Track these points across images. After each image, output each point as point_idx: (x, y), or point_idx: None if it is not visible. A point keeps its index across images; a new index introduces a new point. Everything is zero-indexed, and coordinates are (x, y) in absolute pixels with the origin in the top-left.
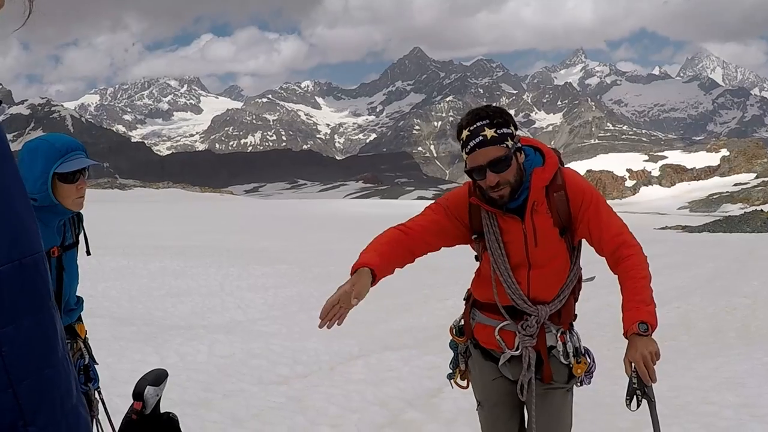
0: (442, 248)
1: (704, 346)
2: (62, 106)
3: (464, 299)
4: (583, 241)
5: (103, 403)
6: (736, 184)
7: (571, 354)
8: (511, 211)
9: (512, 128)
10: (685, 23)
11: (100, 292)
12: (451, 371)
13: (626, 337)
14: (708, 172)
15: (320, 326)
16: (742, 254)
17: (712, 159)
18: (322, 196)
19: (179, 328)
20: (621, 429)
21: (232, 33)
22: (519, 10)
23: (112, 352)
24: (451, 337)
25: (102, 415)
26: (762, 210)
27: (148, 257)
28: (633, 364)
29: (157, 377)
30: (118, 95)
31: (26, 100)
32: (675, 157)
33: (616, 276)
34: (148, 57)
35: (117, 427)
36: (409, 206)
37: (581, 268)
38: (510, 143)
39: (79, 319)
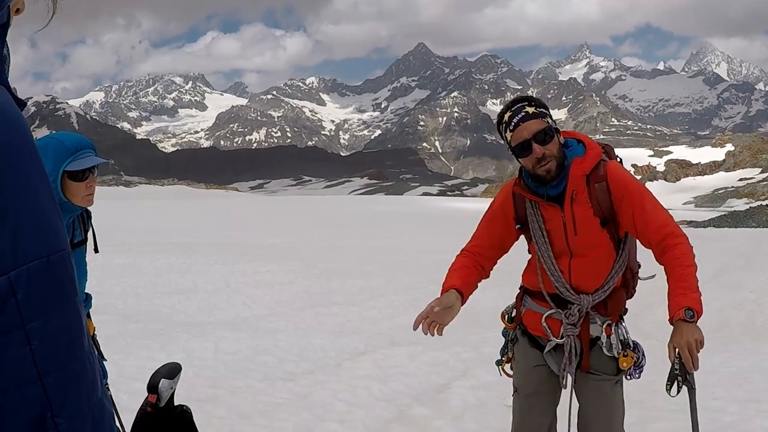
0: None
1: (710, 341)
2: (67, 103)
3: (520, 288)
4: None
5: (112, 400)
6: (741, 179)
7: (615, 346)
8: (552, 199)
9: (549, 111)
10: (690, 18)
11: (106, 289)
12: (500, 357)
13: (671, 323)
14: (713, 167)
15: (414, 329)
16: (748, 249)
17: (717, 154)
18: (327, 192)
19: (185, 325)
20: (626, 424)
21: (238, 29)
22: (524, 6)
23: (119, 348)
24: (503, 324)
25: None
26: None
27: (154, 254)
28: (677, 350)
29: (171, 370)
30: (123, 92)
31: (31, 98)
32: (680, 152)
33: (663, 265)
34: (154, 54)
35: (125, 422)
36: (414, 202)
37: (639, 264)
38: (549, 120)
39: (88, 316)
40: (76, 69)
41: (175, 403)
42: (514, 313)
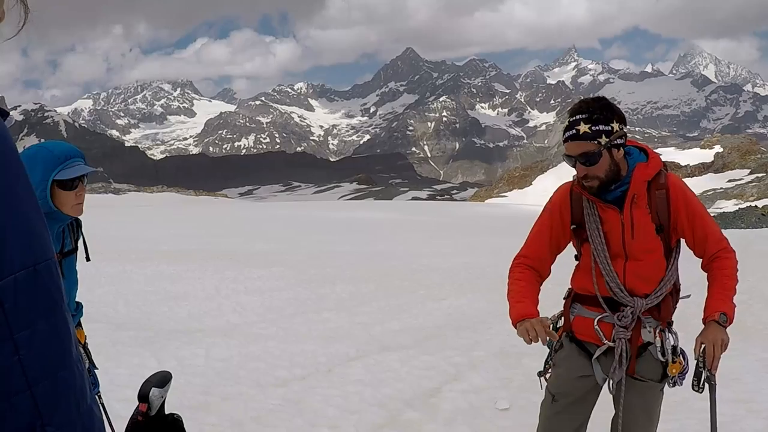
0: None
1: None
2: (55, 111)
3: (564, 297)
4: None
5: (104, 408)
6: (729, 180)
7: (669, 352)
8: (611, 202)
9: (613, 125)
10: (678, 20)
11: (96, 297)
12: (542, 369)
13: (704, 323)
14: (702, 169)
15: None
16: (737, 250)
17: (706, 155)
18: (317, 198)
19: (176, 332)
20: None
21: (228, 36)
22: (513, 9)
23: (110, 357)
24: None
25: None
26: (756, 206)
27: (144, 262)
28: (703, 346)
29: (162, 379)
30: (112, 99)
31: (19, 106)
32: (669, 154)
33: (708, 272)
34: (143, 60)
35: (118, 430)
36: (404, 207)
37: (679, 290)
38: (603, 140)
39: (79, 324)
40: (66, 77)
41: (166, 412)
42: (560, 323)
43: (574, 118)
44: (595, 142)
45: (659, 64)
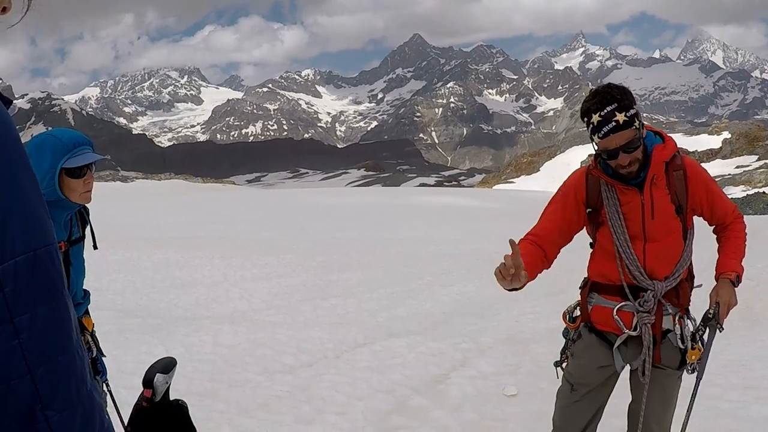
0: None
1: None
2: (63, 99)
3: (580, 287)
4: (695, 237)
5: (111, 395)
6: (737, 167)
7: (688, 338)
8: (631, 183)
9: (635, 105)
10: (685, 6)
11: (104, 285)
12: (558, 359)
13: (718, 279)
14: (710, 155)
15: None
16: None
17: (714, 142)
18: (324, 184)
19: (184, 319)
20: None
21: (236, 22)
22: None
23: (118, 344)
24: (564, 324)
25: (110, 407)
26: (764, 192)
27: (152, 249)
28: (717, 302)
29: (167, 365)
30: (119, 87)
31: (27, 94)
32: (677, 140)
33: (722, 234)
34: (151, 48)
35: (125, 418)
36: (412, 194)
37: (694, 276)
38: (637, 123)
39: (86, 312)
40: (74, 65)
41: (172, 398)
42: (575, 313)
43: (606, 110)
44: (634, 127)
45: (667, 50)
